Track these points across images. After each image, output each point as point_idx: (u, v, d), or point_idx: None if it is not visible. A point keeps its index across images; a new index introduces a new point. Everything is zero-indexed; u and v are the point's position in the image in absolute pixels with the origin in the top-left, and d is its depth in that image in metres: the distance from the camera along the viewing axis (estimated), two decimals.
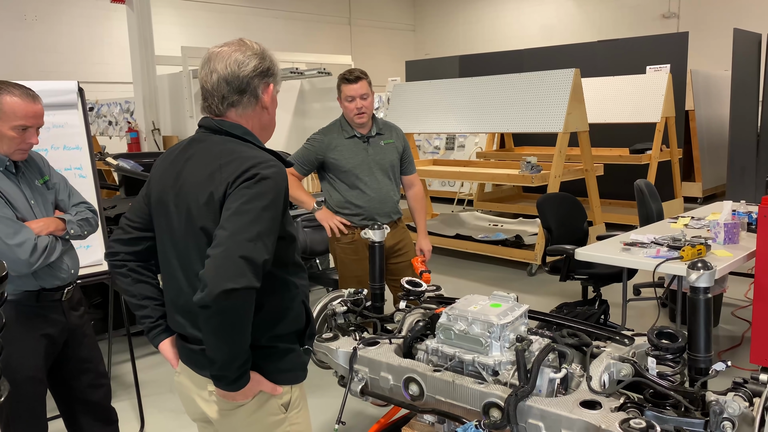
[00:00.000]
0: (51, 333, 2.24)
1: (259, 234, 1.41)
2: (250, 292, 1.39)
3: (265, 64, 1.62)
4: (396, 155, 3.41)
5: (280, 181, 1.50)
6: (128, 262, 1.74)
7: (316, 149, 3.31)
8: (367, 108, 3.24)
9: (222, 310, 1.37)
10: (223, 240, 1.40)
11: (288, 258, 1.61)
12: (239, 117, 1.62)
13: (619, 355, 1.98)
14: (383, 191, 3.34)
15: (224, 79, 1.58)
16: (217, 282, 1.35)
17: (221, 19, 14.07)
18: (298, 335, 1.65)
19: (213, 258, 1.38)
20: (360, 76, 3.23)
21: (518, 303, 2.22)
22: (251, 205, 1.44)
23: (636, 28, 13.51)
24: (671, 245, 3.51)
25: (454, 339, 2.15)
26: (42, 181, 2.29)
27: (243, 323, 1.42)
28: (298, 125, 9.12)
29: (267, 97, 1.62)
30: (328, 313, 2.61)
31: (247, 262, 1.37)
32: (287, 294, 1.61)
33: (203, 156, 1.58)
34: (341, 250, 3.39)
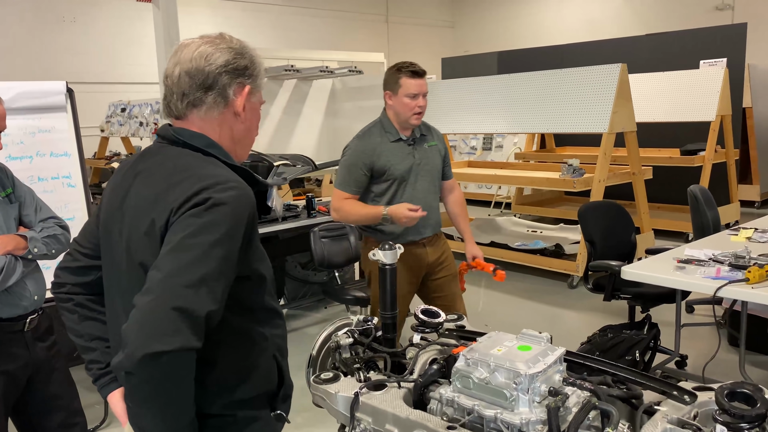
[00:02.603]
0: (10, 369, 1.97)
1: (204, 278, 1.09)
2: (186, 355, 1.06)
3: (242, 62, 1.31)
4: (440, 159, 3.13)
5: (240, 208, 1.18)
6: (75, 296, 1.45)
7: (362, 160, 2.94)
8: (425, 108, 2.95)
9: (148, 378, 1.05)
10: (154, 285, 1.08)
11: (254, 303, 1.29)
12: (203, 121, 1.31)
13: (677, 417, 1.59)
14: (428, 200, 3.04)
15: (187, 72, 1.28)
16: (141, 343, 1.03)
17: (257, 18, 13.94)
18: (268, 399, 1.31)
19: (138, 309, 1.07)
20: (423, 71, 2.96)
21: (552, 345, 1.84)
22: (197, 239, 1.12)
23: (687, 21, 12.78)
24: (734, 264, 3.06)
25: (473, 389, 1.78)
26: (4, 194, 2.03)
27: (179, 395, 1.09)
28: (329, 126, 8.84)
29: (240, 101, 1.31)
30: (332, 345, 2.27)
31: (184, 316, 1.05)
32: (252, 348, 1.28)
33: (153, 173, 1.27)
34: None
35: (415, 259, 3.04)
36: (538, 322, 4.84)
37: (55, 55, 10.97)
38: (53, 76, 10.17)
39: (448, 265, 3.17)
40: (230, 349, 1.25)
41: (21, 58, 10.41)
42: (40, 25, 10.88)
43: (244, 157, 1.41)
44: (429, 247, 3.09)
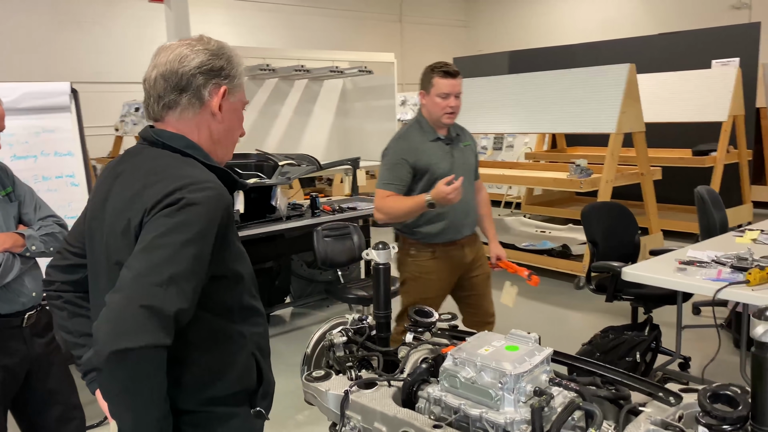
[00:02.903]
0: (9, 364, 2.01)
1: (173, 277, 1.11)
2: (155, 352, 1.08)
3: (217, 63, 1.33)
4: (474, 159, 3.15)
5: (213, 208, 1.20)
6: (65, 293, 1.48)
7: (405, 158, 2.92)
8: (459, 108, 2.96)
9: (117, 375, 1.07)
10: (124, 284, 1.10)
11: (231, 302, 1.31)
12: (179, 122, 1.33)
13: (661, 419, 1.59)
14: (468, 199, 3.00)
15: (162, 75, 1.31)
16: (109, 339, 1.06)
17: (272, 19, 14.00)
18: (246, 396, 1.33)
19: (108, 307, 1.09)
20: (458, 71, 2.95)
21: (539, 346, 1.84)
22: (168, 238, 1.14)
23: (703, 20, 12.60)
24: (736, 266, 3.04)
25: (460, 388, 1.79)
26: (4, 192, 2.07)
27: (148, 391, 1.11)
28: (340, 126, 8.87)
29: (216, 101, 1.33)
30: (326, 344, 2.29)
31: (152, 314, 1.07)
32: (229, 346, 1.30)
33: (131, 174, 1.30)
34: (418, 269, 3.04)
35: (455, 260, 3.04)
36: (544, 322, 4.83)
37: (72, 55, 11.11)
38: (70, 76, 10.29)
39: (482, 264, 3.18)
40: (207, 346, 1.27)
41: (39, 59, 10.55)
42: (58, 26, 11.02)
43: (226, 157, 1.42)
44: (467, 248, 3.09)
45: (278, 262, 4.71)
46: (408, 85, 15.84)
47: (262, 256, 4.61)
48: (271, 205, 4.09)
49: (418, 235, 3.01)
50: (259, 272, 4.65)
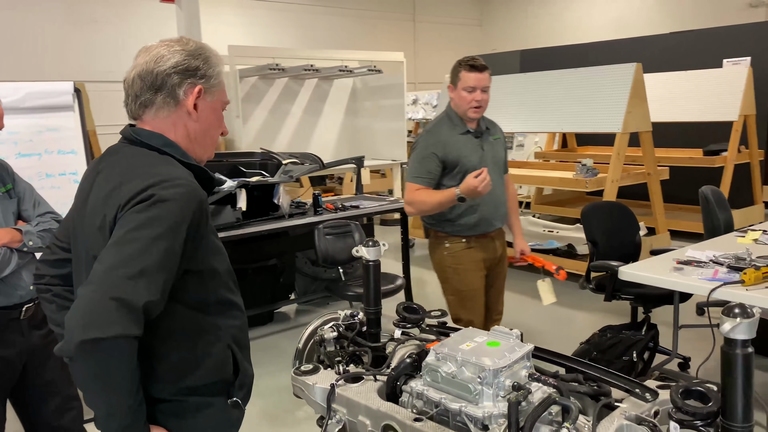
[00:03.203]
0: (6, 355, 2.08)
1: (144, 270, 1.15)
2: (125, 342, 1.13)
3: (193, 63, 1.37)
4: (504, 153, 3.16)
5: (185, 205, 1.24)
6: (54, 287, 1.54)
7: (434, 151, 2.94)
8: (486, 102, 2.96)
9: (87, 363, 1.12)
10: (96, 276, 1.15)
11: (207, 296, 1.35)
12: (155, 121, 1.38)
13: (635, 414, 1.61)
14: (497, 193, 3.02)
15: (138, 74, 1.37)
16: (80, 330, 1.10)
17: (284, 18, 14.06)
18: (223, 387, 1.38)
19: (80, 298, 1.14)
20: (485, 65, 2.95)
21: (521, 342, 1.87)
22: (138, 233, 1.18)
23: (719, 18, 12.47)
24: (732, 266, 3.04)
25: (441, 383, 1.82)
26: (4, 189, 2.14)
27: (118, 379, 1.16)
28: (350, 125, 8.92)
29: (190, 100, 1.36)
30: (317, 339, 2.33)
31: (121, 305, 1.12)
32: (203, 339, 1.34)
33: (110, 171, 1.34)
34: (455, 260, 3.05)
35: (488, 252, 3.09)
36: (548, 322, 4.84)
37: (85, 55, 11.25)
38: (83, 75, 10.45)
39: (504, 259, 3.21)
40: (182, 338, 1.32)
41: (52, 58, 10.70)
42: (71, 26, 11.16)
43: (206, 155, 1.46)
44: (497, 241, 3.14)
45: (282, 260, 4.76)
46: (421, 84, 15.87)
47: (266, 253, 4.67)
48: (274, 203, 4.14)
49: (452, 228, 3.01)
50: (264, 269, 4.71)
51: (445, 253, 3.05)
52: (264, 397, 3.58)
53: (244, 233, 3.92)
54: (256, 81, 7.84)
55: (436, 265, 3.14)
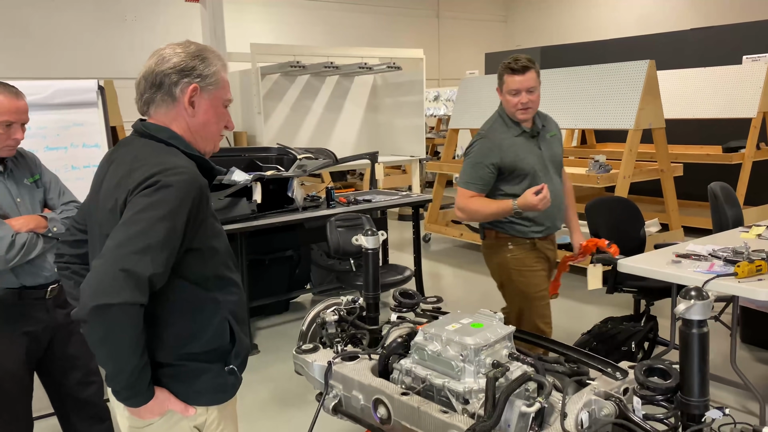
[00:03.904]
0: (33, 330, 2.27)
1: (148, 246, 1.31)
2: (130, 308, 1.29)
3: (190, 63, 1.53)
4: (561, 149, 3.03)
5: (185, 190, 1.39)
6: (72, 265, 1.71)
7: (488, 157, 2.83)
8: (533, 103, 2.82)
9: (97, 326, 1.29)
10: (107, 251, 1.32)
11: (207, 272, 1.50)
12: (158, 116, 1.55)
13: (604, 391, 1.73)
14: (558, 193, 2.90)
15: (143, 75, 1.54)
16: (92, 296, 1.27)
17: (308, 16, 14.24)
18: (220, 354, 1.53)
19: (93, 270, 1.31)
20: (527, 65, 2.81)
21: (502, 324, 2.00)
22: (145, 214, 1.34)
23: (748, 14, 12.31)
24: (729, 259, 3.11)
25: (428, 360, 1.96)
26: (32, 179, 2.32)
27: (125, 341, 1.32)
28: (370, 120, 9.06)
29: (186, 98, 1.52)
30: (319, 322, 2.48)
31: (129, 276, 1.28)
32: (203, 311, 1.50)
33: (121, 160, 1.51)
34: (519, 263, 2.94)
35: (548, 254, 3.02)
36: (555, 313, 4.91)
37: (113, 52, 11.55)
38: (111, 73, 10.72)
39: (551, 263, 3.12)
40: (184, 309, 1.47)
41: (81, 56, 11.01)
42: (101, 24, 11.47)
43: (209, 147, 1.61)
44: (553, 243, 3.09)
45: (298, 252, 4.93)
46: (444, 80, 15.94)
47: (283, 245, 4.83)
48: (289, 196, 4.31)
49: (515, 230, 2.90)
50: (280, 260, 4.88)
51: (509, 255, 2.92)
52: (276, 381, 3.76)
53: (259, 224, 4.09)
54: (278, 78, 8.02)
55: (497, 267, 3.00)
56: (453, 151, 7.67)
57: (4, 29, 10.20)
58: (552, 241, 3.04)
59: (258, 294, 4.35)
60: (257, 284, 4.33)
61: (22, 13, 10.42)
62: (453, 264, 6.59)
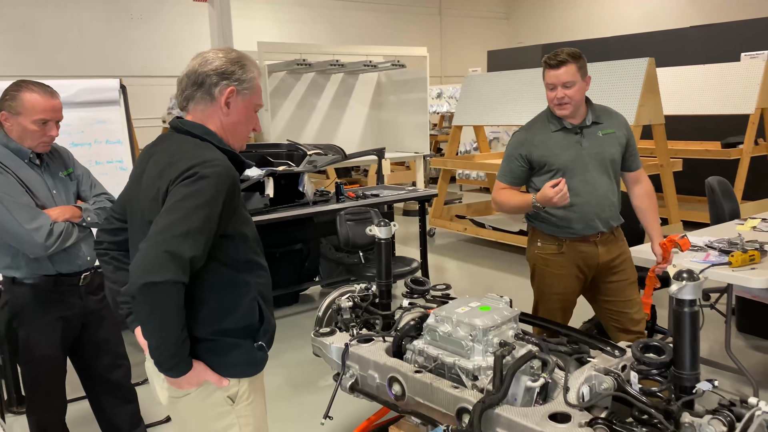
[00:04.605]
0: (68, 315, 2.41)
1: (189, 231, 1.45)
2: (173, 286, 1.43)
3: (230, 68, 1.66)
4: (617, 148, 2.83)
5: (221, 181, 1.54)
6: (111, 251, 1.86)
7: (519, 151, 2.83)
8: (570, 98, 2.69)
9: (145, 302, 1.43)
10: (152, 235, 1.46)
11: (238, 256, 1.65)
12: (195, 112, 1.69)
13: (604, 367, 1.87)
14: (600, 192, 2.78)
15: (187, 73, 1.68)
16: (140, 275, 1.41)
17: (313, 14, 14.36)
18: (250, 332, 1.67)
19: (140, 251, 1.45)
20: (564, 59, 2.71)
21: (509, 307, 2.14)
22: (185, 202, 1.49)
23: (752, 10, 12.40)
24: (724, 249, 3.25)
25: (439, 341, 2.11)
26: (66, 173, 2.47)
27: (169, 316, 1.46)
28: (375, 117, 9.19)
29: (223, 98, 1.66)
30: (335, 308, 2.63)
31: (172, 257, 1.42)
32: (235, 291, 1.64)
33: (161, 154, 1.65)
34: (543, 262, 2.90)
35: (583, 256, 2.83)
36: None
37: (122, 50, 11.70)
38: (120, 70, 10.90)
39: (623, 270, 2.93)
40: (219, 290, 1.62)
41: (90, 54, 11.15)
42: (111, 22, 11.61)
43: (237, 145, 1.75)
44: (601, 246, 2.84)
45: (308, 245, 5.07)
46: (447, 77, 16.07)
47: (293, 238, 4.98)
48: (300, 191, 4.45)
49: (546, 227, 2.86)
50: (290, 253, 5.03)
51: (536, 251, 2.92)
52: (289, 368, 3.90)
53: (271, 218, 4.23)
54: (284, 76, 8.16)
55: (528, 257, 3.01)
56: (456, 147, 7.80)
57: (11, 28, 10.34)
58: (595, 243, 2.83)
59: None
60: None
61: (28, 12, 10.56)
62: (457, 257, 6.73)
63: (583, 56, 2.81)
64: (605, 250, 2.85)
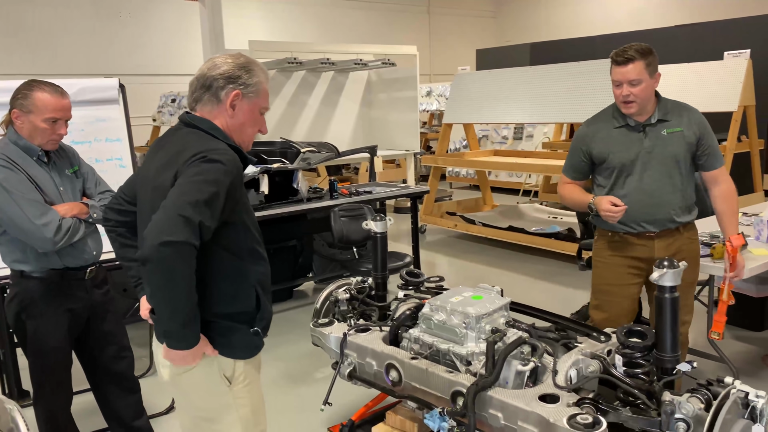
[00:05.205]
0: (74, 308, 2.49)
1: (198, 201, 1.56)
2: (187, 248, 1.52)
3: (237, 73, 1.76)
4: (683, 147, 2.71)
5: (228, 168, 1.65)
6: (118, 228, 1.99)
7: (579, 145, 2.81)
8: (637, 96, 2.61)
9: (160, 260, 1.51)
10: (166, 203, 1.57)
11: (241, 244, 1.75)
12: (202, 111, 1.79)
13: (590, 351, 1.98)
14: (657, 192, 2.69)
15: (197, 77, 1.78)
16: (156, 235, 1.51)
17: (304, 13, 14.41)
18: (247, 317, 1.78)
19: (155, 217, 1.56)
20: (632, 56, 2.62)
21: (500, 296, 2.25)
22: (195, 177, 1.60)
23: (733, 10, 12.61)
24: (706, 242, 3.37)
25: (434, 329, 2.21)
26: (72, 170, 2.54)
27: (182, 276, 1.54)
28: (365, 115, 9.28)
29: (228, 101, 1.76)
30: (332, 300, 2.72)
31: (186, 221, 1.52)
32: (235, 277, 1.74)
33: (171, 144, 1.77)
34: (596, 252, 2.92)
35: (637, 253, 2.76)
36: (550, 300, 5.18)
37: (112, 49, 11.70)
38: (111, 69, 10.91)
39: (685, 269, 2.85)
40: (222, 275, 1.72)
41: (84, 52, 11.15)
42: (100, 21, 11.60)
43: (242, 145, 1.84)
44: (659, 241, 2.75)
45: (301, 241, 5.16)
46: (436, 75, 16.18)
47: (287, 234, 5.06)
48: (294, 188, 4.53)
49: (598, 220, 2.83)
50: (284, 249, 5.11)
51: (595, 244, 2.95)
52: (285, 361, 3.99)
53: (266, 215, 4.31)
54: (275, 74, 8.22)
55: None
56: (446, 145, 7.91)
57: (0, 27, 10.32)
58: (651, 239, 2.75)
59: None
60: None
61: (18, 10, 10.55)
62: (448, 253, 6.84)
63: (653, 52, 2.72)
64: (663, 245, 2.74)
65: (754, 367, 3.76)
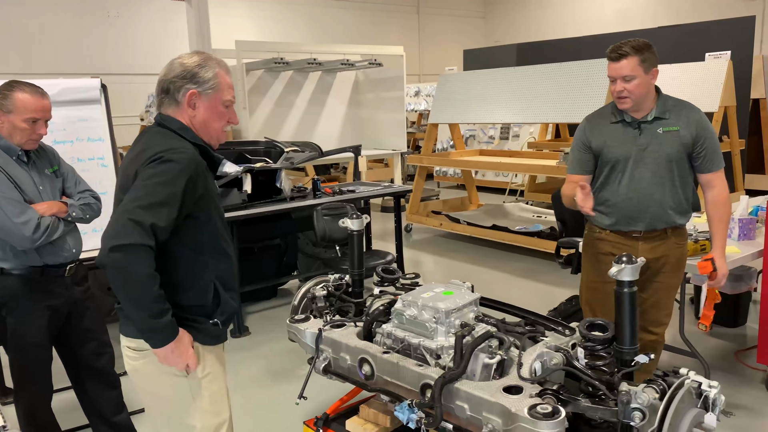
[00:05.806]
0: (54, 305, 2.53)
1: (152, 204, 1.63)
2: (140, 248, 1.59)
3: (190, 72, 1.81)
4: (678, 147, 2.66)
5: (184, 166, 1.71)
6: None
7: (580, 138, 2.82)
8: (631, 92, 2.59)
9: (113, 264, 1.58)
10: (120, 208, 1.65)
11: (201, 237, 1.81)
12: (168, 113, 1.85)
13: (555, 345, 2.04)
14: (647, 192, 2.68)
15: (158, 82, 1.86)
16: (107, 240, 1.59)
17: (292, 12, 14.42)
18: (204, 311, 1.84)
19: (109, 222, 1.64)
20: (625, 52, 2.60)
21: (470, 292, 2.30)
22: (149, 180, 1.67)
23: (718, 11, 12.75)
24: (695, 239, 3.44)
25: (406, 324, 2.26)
26: (51, 170, 2.58)
27: (139, 277, 1.61)
28: (353, 115, 9.33)
29: (185, 101, 1.82)
30: (309, 296, 2.77)
31: (136, 224, 1.59)
32: (192, 271, 1.80)
33: (138, 145, 1.84)
34: (585, 246, 2.96)
35: (619, 249, 2.72)
36: (532, 298, 5.26)
37: (99, 49, 11.67)
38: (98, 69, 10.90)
39: (663, 273, 2.79)
40: (177, 266, 1.77)
41: (72, 52, 11.12)
42: (87, 20, 11.58)
43: (212, 141, 1.90)
44: (642, 243, 2.74)
45: (286, 240, 5.20)
46: (425, 75, 16.25)
47: (271, 233, 5.10)
48: (277, 187, 4.58)
49: (591, 217, 2.79)
50: (269, 248, 5.15)
51: (585, 239, 2.97)
52: (267, 358, 4.04)
53: (249, 213, 4.36)
54: (262, 74, 8.25)
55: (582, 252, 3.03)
56: (432, 145, 7.97)
57: None
58: (636, 240, 2.75)
59: (248, 280, 4.61)
60: (247, 271, 4.60)
61: (4, 9, 10.52)
62: (433, 252, 6.91)
63: (650, 48, 2.69)
64: (649, 248, 2.73)
65: (727, 362, 3.85)
